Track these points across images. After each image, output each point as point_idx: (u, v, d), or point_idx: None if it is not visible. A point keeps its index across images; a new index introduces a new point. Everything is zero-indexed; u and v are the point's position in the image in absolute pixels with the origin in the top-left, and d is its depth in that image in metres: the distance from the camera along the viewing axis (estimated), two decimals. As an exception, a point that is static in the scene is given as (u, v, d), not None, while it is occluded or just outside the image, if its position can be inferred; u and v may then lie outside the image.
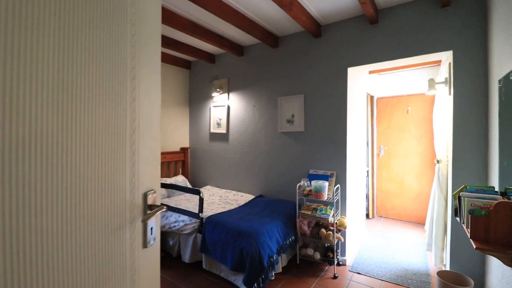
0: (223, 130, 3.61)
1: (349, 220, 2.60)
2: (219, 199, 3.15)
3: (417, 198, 3.81)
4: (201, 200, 2.47)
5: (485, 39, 1.92)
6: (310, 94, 2.81)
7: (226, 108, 3.57)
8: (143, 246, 0.74)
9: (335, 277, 2.35)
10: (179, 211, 2.63)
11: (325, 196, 2.39)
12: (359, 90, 2.98)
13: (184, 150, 4.00)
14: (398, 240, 3.16)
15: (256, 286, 1.97)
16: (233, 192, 3.40)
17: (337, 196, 2.54)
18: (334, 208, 2.44)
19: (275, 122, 3.09)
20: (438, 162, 2.47)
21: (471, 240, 1.09)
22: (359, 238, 3.05)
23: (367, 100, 3.88)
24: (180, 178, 3.68)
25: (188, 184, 3.76)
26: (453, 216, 2.04)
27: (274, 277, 2.21)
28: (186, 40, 3.19)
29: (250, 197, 3.16)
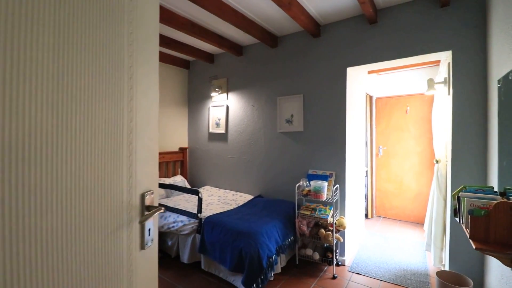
0: (222, 130, 3.60)
1: (348, 220, 2.60)
2: (218, 199, 3.14)
3: (416, 198, 3.81)
4: (199, 200, 2.46)
5: (484, 39, 1.93)
6: (309, 94, 2.81)
7: (225, 108, 3.56)
8: (141, 247, 0.73)
9: (334, 277, 2.34)
10: (178, 211, 2.62)
11: (324, 196, 2.39)
12: (358, 90, 2.98)
13: (182, 150, 3.98)
14: (397, 240, 3.16)
15: (255, 287, 1.96)
16: (232, 192, 3.39)
17: (336, 196, 2.53)
18: (333, 208, 2.44)
19: (274, 122, 3.08)
20: (437, 162, 2.48)
21: (470, 240, 1.09)
22: (358, 238, 3.05)
23: (366, 100, 3.88)
24: (178, 178, 3.67)
25: (187, 184, 3.75)
26: (452, 216, 2.04)
27: (273, 277, 2.20)
28: (185, 40, 3.18)
29: (249, 197, 3.16)
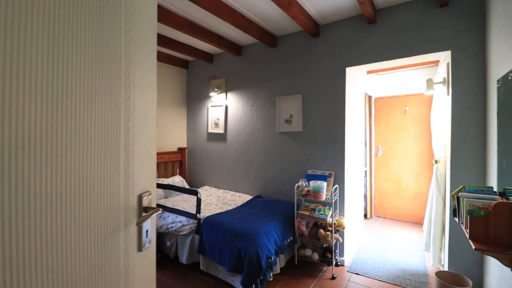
0: (221, 130, 3.59)
1: (347, 221, 2.59)
2: (216, 200, 3.13)
3: (415, 198, 3.81)
4: (198, 201, 2.45)
5: (483, 39, 1.92)
6: (308, 94, 2.80)
7: (224, 108, 3.55)
8: (138, 249, 0.72)
9: (333, 277, 2.34)
10: (177, 211, 2.61)
11: (323, 196, 2.38)
12: (357, 90, 2.98)
13: (181, 150, 3.97)
14: (396, 240, 3.16)
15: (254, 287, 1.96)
16: (231, 192, 3.38)
17: (335, 197, 2.53)
18: (332, 209, 2.44)
19: (273, 122, 3.07)
20: (436, 162, 2.48)
21: (470, 240, 1.08)
22: (357, 238, 3.05)
23: (365, 100, 3.88)
24: (177, 179, 3.66)
25: (186, 185, 3.73)
26: (451, 216, 2.04)
27: (272, 278, 2.19)
28: (184, 40, 3.17)
29: (248, 197, 3.15)
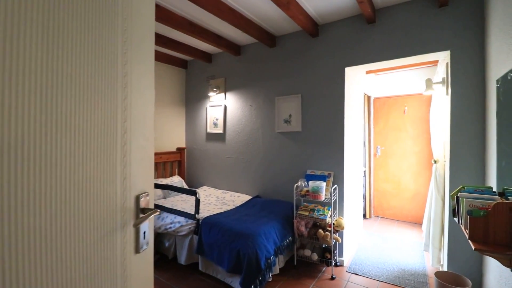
0: (219, 130, 3.58)
1: (346, 221, 2.59)
2: (215, 200, 3.12)
3: (414, 198, 3.82)
4: (197, 201, 2.44)
5: (482, 38, 1.92)
6: (307, 94, 2.80)
7: (223, 108, 3.54)
8: (135, 251, 0.71)
9: (332, 278, 2.33)
10: (175, 212, 2.60)
11: (322, 196, 2.37)
12: (356, 90, 2.97)
13: (180, 150, 3.95)
14: (395, 241, 3.16)
15: (253, 288, 1.95)
16: (230, 192, 3.37)
17: (334, 197, 2.52)
18: (331, 209, 2.43)
19: (272, 122, 3.06)
20: (435, 162, 2.48)
21: (470, 241, 1.08)
22: (357, 238, 3.04)
23: (364, 100, 3.88)
24: (176, 179, 3.64)
25: (185, 185, 3.72)
26: (450, 216, 2.04)
27: (271, 278, 2.18)
28: (183, 39, 3.15)
29: (247, 197, 3.14)
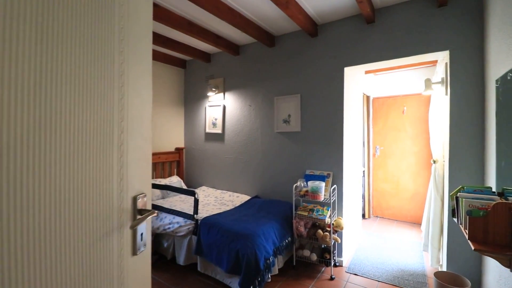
0: (218, 130, 3.57)
1: (345, 221, 2.58)
2: (214, 200, 3.11)
3: (413, 198, 3.82)
4: (196, 201, 2.43)
5: (482, 38, 1.92)
6: (306, 94, 2.79)
7: (222, 107, 3.53)
8: (133, 253, 0.70)
9: (331, 278, 2.33)
10: (174, 212, 2.59)
11: (321, 196, 2.37)
12: (356, 90, 2.97)
13: (179, 150, 3.94)
14: (394, 241, 3.16)
15: (252, 289, 1.94)
16: (228, 193, 3.36)
17: (333, 197, 2.52)
18: (330, 209, 2.42)
19: (271, 122, 3.06)
20: (434, 162, 2.47)
21: (469, 241, 1.07)
22: (356, 238, 3.04)
23: (363, 100, 3.88)
24: (175, 179, 3.63)
25: (183, 185, 3.71)
26: (449, 217, 2.04)
27: (270, 279, 2.18)
28: (181, 39, 3.14)
29: (246, 198, 3.13)
